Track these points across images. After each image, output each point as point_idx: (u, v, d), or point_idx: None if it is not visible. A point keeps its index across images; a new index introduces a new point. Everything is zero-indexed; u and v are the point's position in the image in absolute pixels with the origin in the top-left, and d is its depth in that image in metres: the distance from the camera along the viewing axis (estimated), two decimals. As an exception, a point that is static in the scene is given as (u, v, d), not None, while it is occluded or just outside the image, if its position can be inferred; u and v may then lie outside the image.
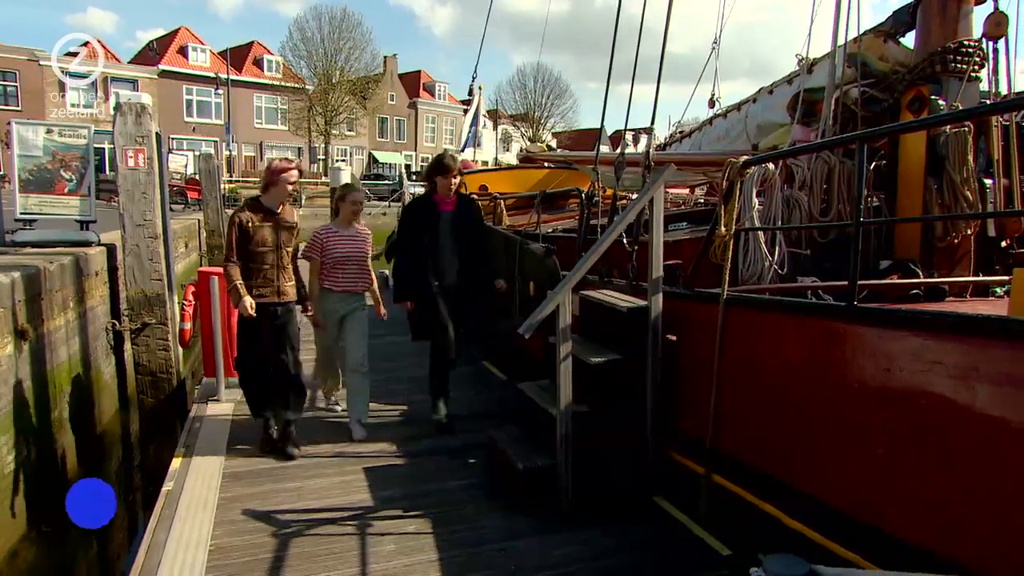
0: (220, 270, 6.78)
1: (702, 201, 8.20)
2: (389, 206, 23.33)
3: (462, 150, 14.97)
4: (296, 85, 45.34)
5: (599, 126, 5.94)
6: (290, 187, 4.65)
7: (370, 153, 52.70)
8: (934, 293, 3.92)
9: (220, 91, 42.76)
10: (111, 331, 7.32)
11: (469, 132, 14.72)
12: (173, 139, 39.13)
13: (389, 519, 3.86)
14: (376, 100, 50.14)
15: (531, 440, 4.23)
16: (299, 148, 46.42)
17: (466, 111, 15.92)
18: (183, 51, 44.18)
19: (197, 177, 23.22)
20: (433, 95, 57.61)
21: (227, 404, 5.77)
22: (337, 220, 5.22)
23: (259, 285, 4.57)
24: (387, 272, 11.83)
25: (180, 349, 7.40)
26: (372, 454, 4.75)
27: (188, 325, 6.86)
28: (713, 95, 9.03)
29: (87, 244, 7.45)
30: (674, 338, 3.97)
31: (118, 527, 5.53)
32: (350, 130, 48.28)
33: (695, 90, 9.35)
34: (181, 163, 30.71)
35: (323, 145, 46.84)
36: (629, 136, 6.36)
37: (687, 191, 9.61)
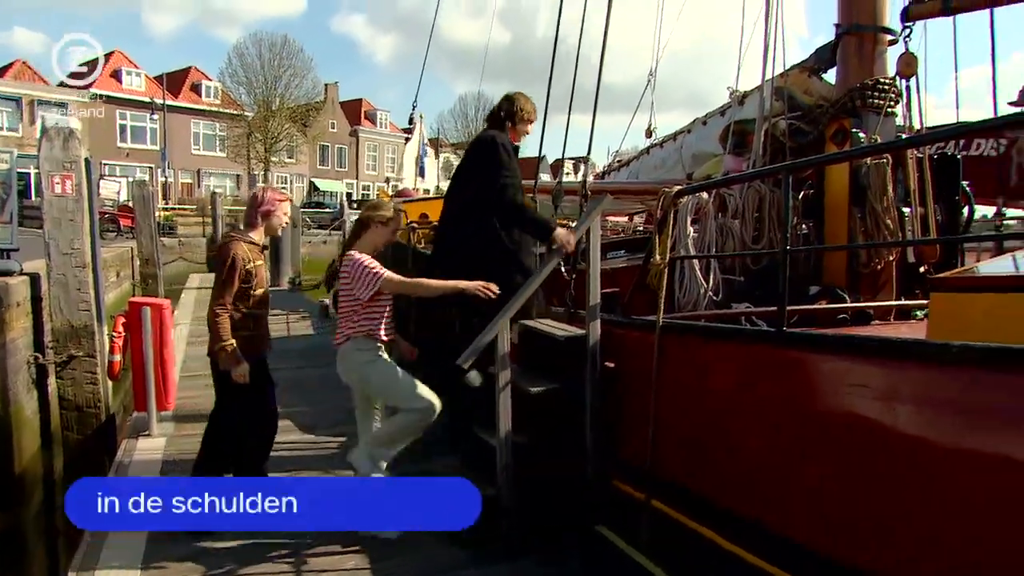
0: (153, 300, 6.58)
1: (640, 228, 8.35)
2: (330, 234, 23.13)
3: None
4: (235, 112, 44.69)
5: (538, 155, 6.01)
6: (285, 218, 4.20)
7: (311, 181, 52.09)
8: (860, 317, 4.07)
9: (156, 116, 41.78)
10: (33, 364, 6.98)
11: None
12: (105, 165, 37.90)
13: (327, 555, 3.77)
14: (317, 128, 49.71)
15: (472, 470, 4.19)
16: (238, 175, 45.67)
17: (407, 140, 15.94)
18: (116, 75, 43.02)
19: (130, 204, 22.54)
20: (375, 123, 57.45)
21: (159, 439, 5.56)
22: (366, 247, 4.00)
23: (256, 330, 4.05)
24: (327, 301, 11.61)
25: (109, 382, 7.11)
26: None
27: (118, 357, 6.61)
28: (650, 125, 9.28)
29: (8, 273, 7.10)
30: (612, 365, 4.01)
31: (38, 571, 5.24)
32: (290, 157, 47.73)
33: (632, 120, 9.54)
34: (114, 190, 29.79)
35: (263, 172, 46.11)
36: (569, 164, 6.47)
37: (626, 218, 9.79)
